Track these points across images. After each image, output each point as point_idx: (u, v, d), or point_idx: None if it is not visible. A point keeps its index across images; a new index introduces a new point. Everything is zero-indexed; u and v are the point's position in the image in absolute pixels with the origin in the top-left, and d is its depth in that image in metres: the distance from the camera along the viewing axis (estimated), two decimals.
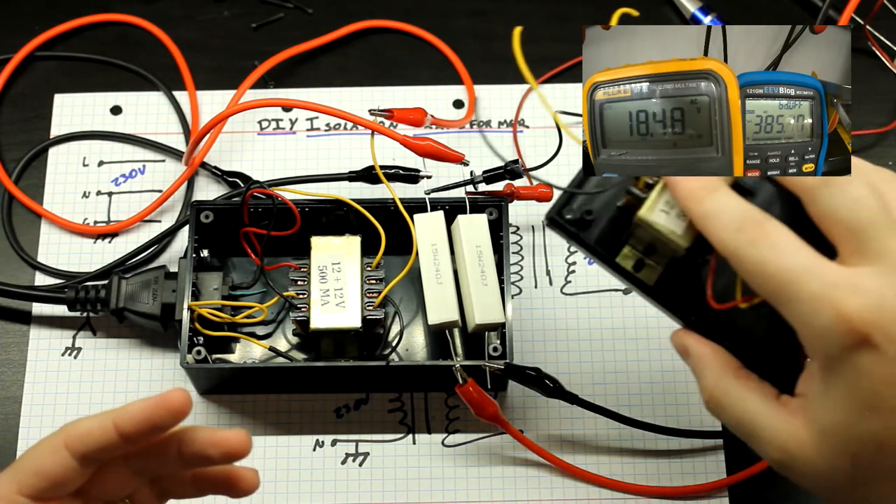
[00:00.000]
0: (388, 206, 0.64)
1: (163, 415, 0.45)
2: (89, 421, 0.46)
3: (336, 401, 0.67)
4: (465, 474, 0.65)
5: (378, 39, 0.78)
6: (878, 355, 0.39)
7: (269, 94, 0.75)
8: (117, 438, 0.45)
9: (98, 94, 0.76)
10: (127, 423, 0.45)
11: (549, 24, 0.78)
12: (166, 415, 0.45)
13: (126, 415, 0.45)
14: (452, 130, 0.74)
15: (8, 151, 0.74)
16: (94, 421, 0.46)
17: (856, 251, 0.40)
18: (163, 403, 0.45)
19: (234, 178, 0.71)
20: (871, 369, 0.39)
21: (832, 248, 0.42)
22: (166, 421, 0.46)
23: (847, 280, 0.40)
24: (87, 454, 0.46)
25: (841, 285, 0.40)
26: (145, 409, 0.45)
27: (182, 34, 0.77)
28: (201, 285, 0.64)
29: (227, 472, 0.49)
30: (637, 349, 0.68)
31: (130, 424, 0.45)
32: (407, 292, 0.68)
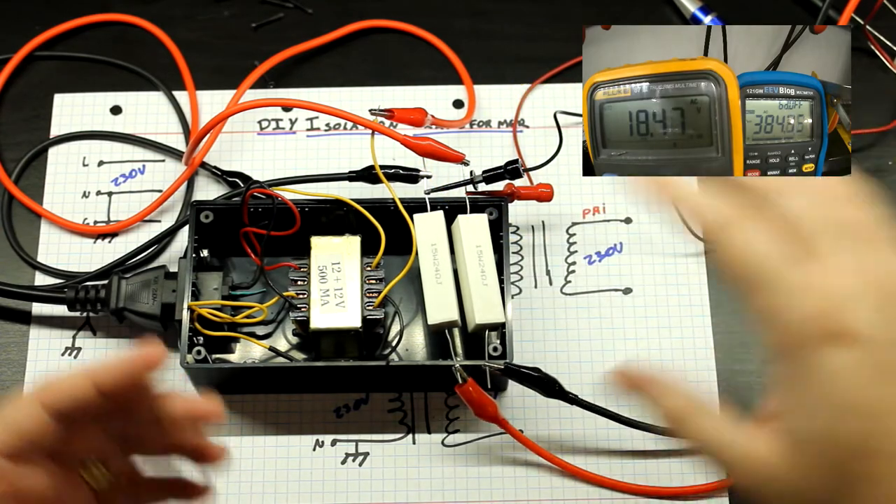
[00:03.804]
0: (388, 206, 0.64)
1: (139, 366, 0.46)
2: (66, 378, 0.46)
3: (336, 401, 0.67)
4: (465, 474, 0.65)
5: (378, 39, 0.78)
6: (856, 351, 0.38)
7: (269, 94, 0.75)
8: (94, 394, 0.45)
9: (98, 94, 0.76)
10: (104, 377, 0.46)
11: (549, 24, 0.78)
12: (142, 366, 0.46)
13: (103, 370, 0.46)
14: (452, 130, 0.74)
15: (8, 151, 0.74)
16: (70, 378, 0.46)
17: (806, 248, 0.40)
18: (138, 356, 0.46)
19: (234, 178, 0.71)
20: (849, 366, 0.38)
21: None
22: (142, 372, 0.46)
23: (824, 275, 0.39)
24: (64, 411, 0.45)
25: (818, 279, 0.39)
26: (122, 363, 0.46)
27: (182, 34, 0.77)
28: (201, 285, 0.64)
29: (199, 442, 0.50)
30: (637, 349, 0.68)
31: (108, 379, 0.46)
32: (407, 292, 0.68)
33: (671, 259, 0.70)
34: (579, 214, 0.71)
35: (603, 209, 0.72)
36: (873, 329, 0.38)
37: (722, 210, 0.41)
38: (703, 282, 0.69)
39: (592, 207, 0.72)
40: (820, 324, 0.38)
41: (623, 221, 0.71)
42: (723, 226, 0.41)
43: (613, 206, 0.72)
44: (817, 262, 0.39)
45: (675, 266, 0.70)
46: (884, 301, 0.38)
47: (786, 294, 0.39)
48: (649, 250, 0.70)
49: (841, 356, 0.38)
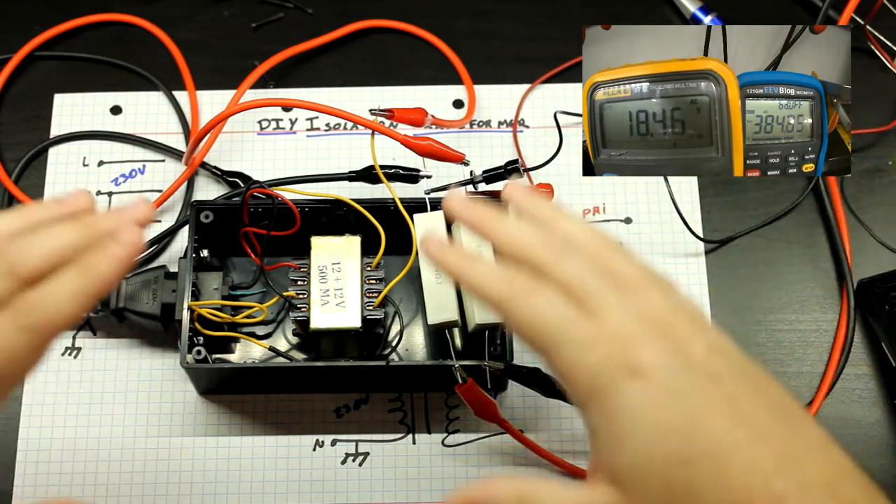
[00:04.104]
0: (388, 206, 0.64)
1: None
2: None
3: (336, 401, 0.67)
4: (465, 474, 0.65)
5: (378, 39, 0.78)
6: (646, 380, 0.41)
7: (269, 94, 0.75)
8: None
9: (98, 93, 0.76)
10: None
11: (549, 24, 0.78)
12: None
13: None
14: (452, 130, 0.74)
15: (8, 151, 0.74)
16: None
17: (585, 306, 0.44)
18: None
19: (234, 178, 0.71)
20: (644, 394, 0.41)
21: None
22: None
23: (605, 325, 0.43)
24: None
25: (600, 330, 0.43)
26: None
27: (182, 34, 0.77)
28: (201, 285, 0.64)
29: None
30: None
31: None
32: (407, 292, 0.68)
33: (671, 259, 0.70)
34: (579, 214, 0.71)
35: (603, 209, 0.72)
36: (656, 359, 0.42)
37: (507, 281, 0.45)
38: (703, 282, 0.69)
39: (592, 207, 0.72)
40: (610, 366, 0.42)
41: (623, 221, 0.71)
42: (509, 298, 0.45)
43: (613, 206, 0.72)
44: (597, 316, 0.43)
45: (674, 266, 0.70)
46: (659, 334, 0.42)
47: (577, 349, 0.43)
48: (649, 250, 0.70)
49: (635, 388, 0.41)
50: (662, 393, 0.41)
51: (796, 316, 0.69)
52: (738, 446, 0.40)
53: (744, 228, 0.71)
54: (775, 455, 0.40)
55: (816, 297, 0.70)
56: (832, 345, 0.68)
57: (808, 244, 0.71)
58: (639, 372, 0.41)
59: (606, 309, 0.43)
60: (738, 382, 0.42)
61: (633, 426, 0.41)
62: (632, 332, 0.42)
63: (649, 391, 0.41)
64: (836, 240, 0.71)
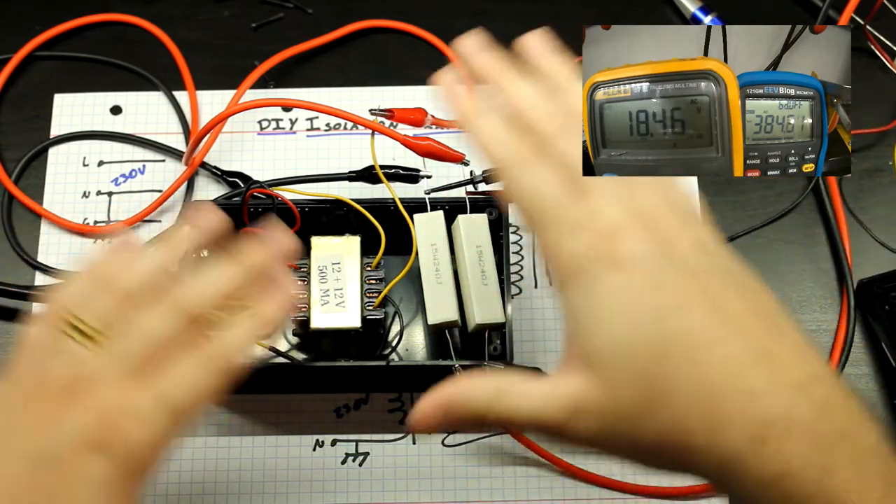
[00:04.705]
0: (388, 206, 0.64)
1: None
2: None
3: (336, 401, 0.67)
4: (465, 474, 0.65)
5: (378, 39, 0.78)
6: (629, 271, 0.41)
7: (269, 94, 0.75)
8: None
9: (98, 93, 0.76)
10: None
11: (549, 24, 0.78)
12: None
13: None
14: (453, 130, 0.74)
15: (8, 151, 0.74)
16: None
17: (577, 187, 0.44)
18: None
19: (234, 178, 0.71)
20: (626, 284, 0.41)
21: None
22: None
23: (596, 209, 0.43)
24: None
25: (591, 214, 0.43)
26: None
27: (182, 34, 0.77)
28: None
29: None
30: None
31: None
32: (407, 292, 0.68)
33: None
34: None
35: None
36: (638, 250, 0.42)
37: (510, 148, 0.45)
38: None
39: None
40: (593, 253, 0.42)
41: None
42: (511, 165, 0.45)
43: None
44: (588, 200, 0.43)
45: None
46: (646, 226, 0.42)
47: (564, 233, 0.43)
48: None
49: (615, 276, 0.41)
50: (641, 282, 0.41)
51: (796, 316, 0.69)
52: (714, 339, 0.40)
53: (744, 228, 0.71)
54: (751, 351, 0.40)
55: (816, 297, 0.70)
56: (832, 345, 0.68)
57: (808, 244, 0.71)
58: (620, 262, 0.41)
59: (596, 193, 0.43)
60: (719, 279, 0.42)
61: (609, 311, 0.41)
62: (619, 222, 0.42)
63: (629, 280, 0.41)
64: (835, 240, 0.71)
